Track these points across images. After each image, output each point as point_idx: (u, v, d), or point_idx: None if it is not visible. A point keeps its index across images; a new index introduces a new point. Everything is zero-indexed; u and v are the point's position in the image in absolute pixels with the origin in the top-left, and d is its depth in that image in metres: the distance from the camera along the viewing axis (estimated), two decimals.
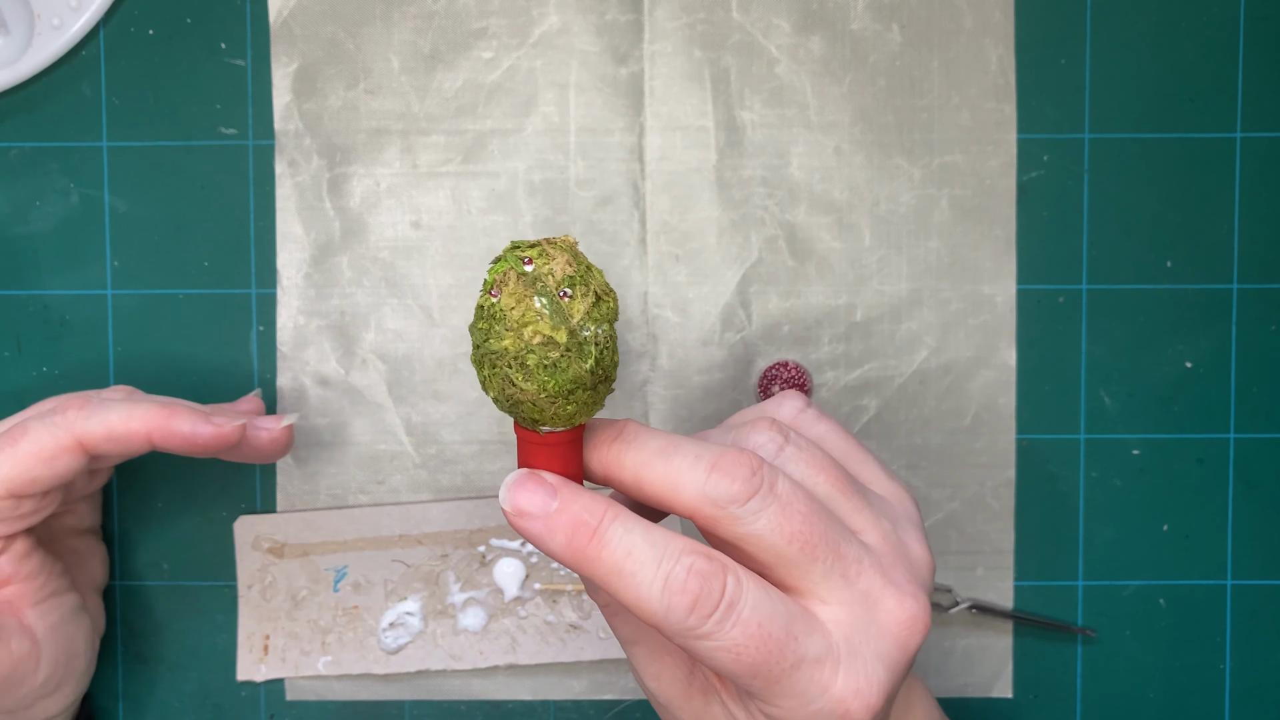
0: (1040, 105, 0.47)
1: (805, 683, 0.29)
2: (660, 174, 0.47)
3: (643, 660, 0.33)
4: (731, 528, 0.30)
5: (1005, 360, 0.47)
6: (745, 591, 0.29)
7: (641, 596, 0.29)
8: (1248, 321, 0.47)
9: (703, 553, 0.29)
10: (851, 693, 0.30)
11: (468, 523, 0.47)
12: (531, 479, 0.30)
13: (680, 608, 0.28)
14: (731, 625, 0.29)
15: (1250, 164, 0.47)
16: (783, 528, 0.29)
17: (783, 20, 0.47)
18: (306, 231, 0.47)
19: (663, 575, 0.29)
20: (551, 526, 0.29)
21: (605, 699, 0.48)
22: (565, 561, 0.30)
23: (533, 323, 0.28)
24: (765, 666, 0.29)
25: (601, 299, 0.29)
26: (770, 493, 0.29)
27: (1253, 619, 0.48)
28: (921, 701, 0.37)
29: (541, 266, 0.28)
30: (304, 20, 0.47)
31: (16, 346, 0.48)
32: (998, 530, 0.48)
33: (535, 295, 0.28)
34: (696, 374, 0.47)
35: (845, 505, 0.32)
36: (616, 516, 0.29)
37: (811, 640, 0.29)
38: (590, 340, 0.28)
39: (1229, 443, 0.48)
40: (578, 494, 0.29)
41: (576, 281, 0.28)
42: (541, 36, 0.47)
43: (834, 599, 0.30)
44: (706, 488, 0.29)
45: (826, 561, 0.30)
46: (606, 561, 0.29)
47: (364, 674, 0.48)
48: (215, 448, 0.39)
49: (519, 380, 0.28)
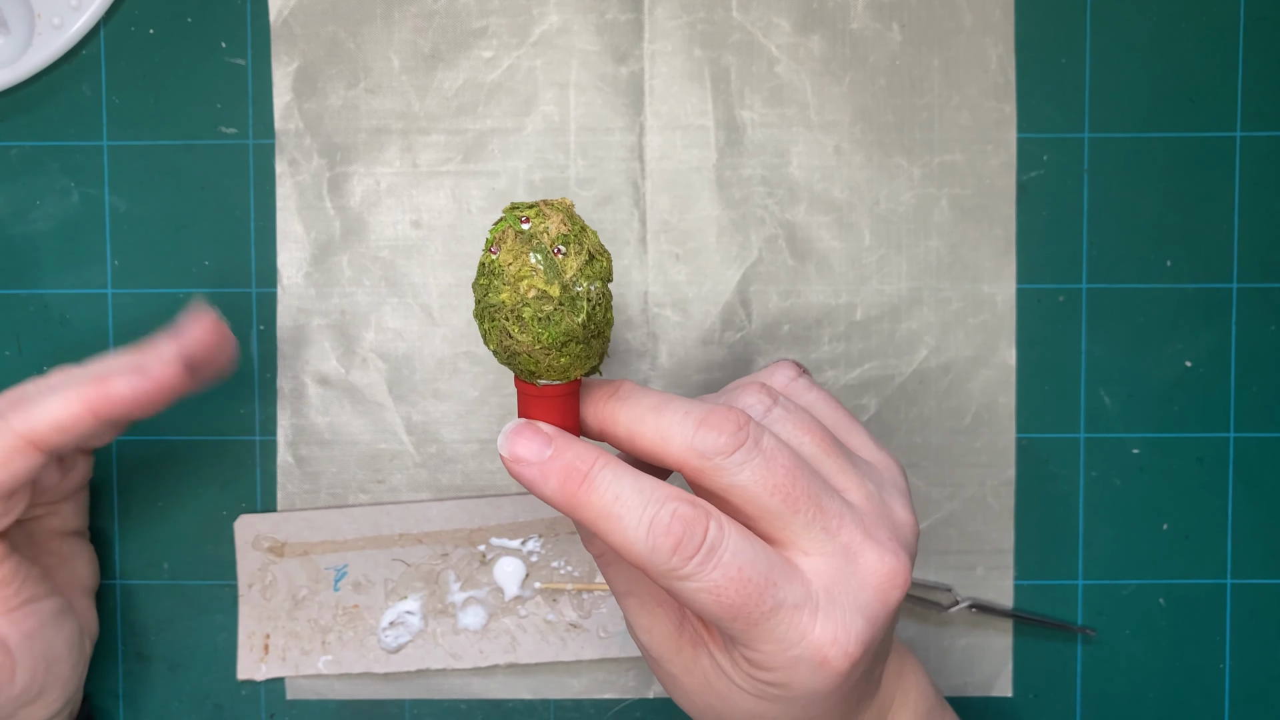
0: (1040, 105, 0.47)
1: (784, 628, 0.30)
2: (660, 173, 0.47)
3: (635, 612, 0.35)
4: (717, 478, 0.31)
5: (1005, 360, 0.47)
6: (726, 536, 0.30)
7: (628, 539, 0.30)
8: (1247, 321, 0.47)
9: (687, 499, 0.30)
10: (829, 640, 0.31)
11: (468, 522, 0.47)
12: (528, 428, 0.31)
13: (664, 549, 0.30)
14: (713, 567, 0.30)
15: (1250, 164, 0.47)
16: (766, 480, 0.30)
17: (783, 20, 0.47)
18: (307, 231, 0.47)
19: (648, 518, 0.30)
20: (545, 472, 0.31)
21: (605, 698, 0.48)
22: (557, 505, 0.31)
23: (528, 277, 0.29)
24: (745, 609, 0.30)
25: (595, 258, 0.30)
26: (755, 446, 0.31)
27: (1252, 618, 0.48)
28: (914, 675, 0.38)
29: (538, 225, 0.30)
30: (304, 19, 0.47)
31: (16, 346, 0.48)
32: (997, 530, 0.48)
33: (531, 252, 0.29)
34: (697, 373, 0.47)
35: (830, 465, 0.33)
36: (606, 464, 0.31)
37: (791, 587, 0.31)
38: (583, 295, 0.30)
39: (1229, 442, 0.48)
40: (571, 443, 0.31)
41: (570, 240, 0.30)
42: (541, 36, 0.47)
43: (815, 550, 0.31)
44: (694, 440, 0.31)
45: (808, 514, 0.31)
46: (596, 505, 0.30)
47: (364, 673, 0.48)
48: (164, 397, 0.39)
49: (515, 332, 0.30)
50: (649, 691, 0.48)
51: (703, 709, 0.35)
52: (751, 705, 0.33)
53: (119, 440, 0.48)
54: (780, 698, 0.32)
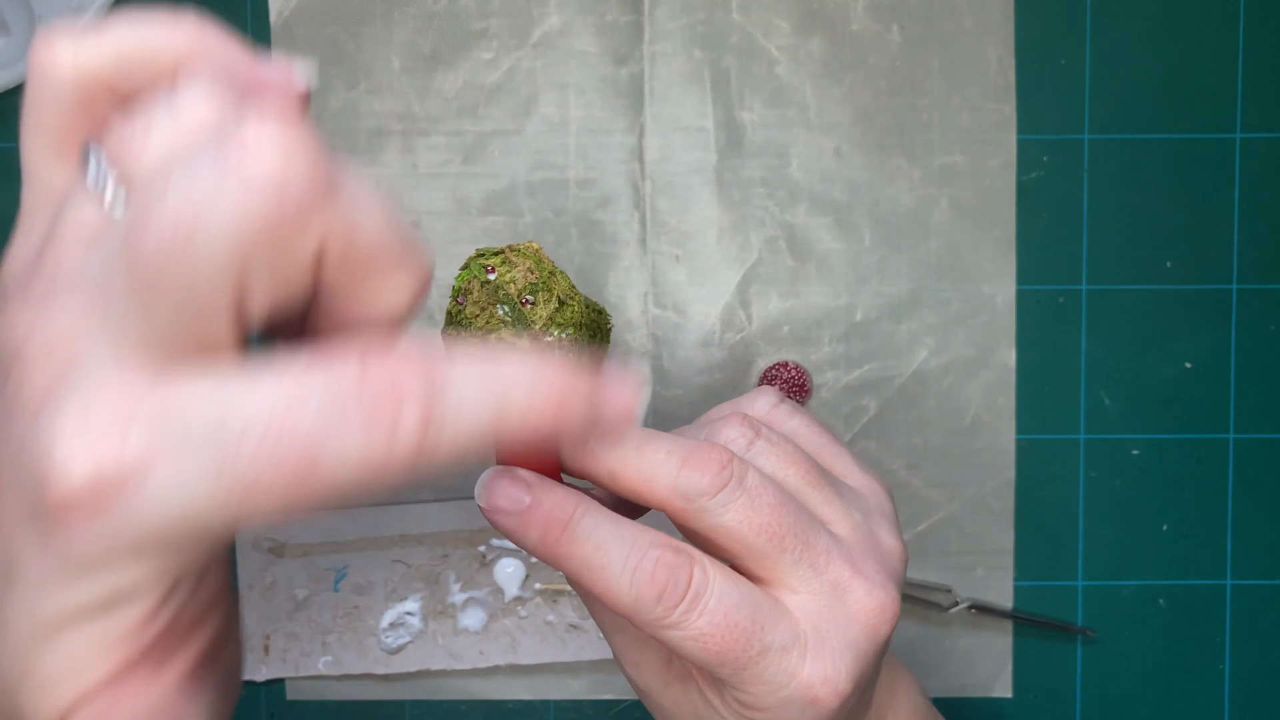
0: (1040, 105, 0.47)
1: (773, 670, 0.30)
2: (660, 174, 0.47)
3: (623, 648, 0.34)
4: (702, 520, 0.30)
5: (1005, 360, 0.47)
6: (711, 582, 0.30)
7: (611, 588, 0.30)
8: (1247, 321, 0.47)
9: (670, 545, 0.30)
10: (819, 679, 0.30)
11: (468, 523, 0.47)
12: (505, 475, 0.30)
13: (648, 598, 0.29)
14: (698, 615, 0.29)
15: (1250, 164, 0.47)
16: (751, 520, 0.30)
17: (783, 21, 0.47)
18: None
19: (630, 567, 0.29)
20: (525, 522, 0.30)
21: (605, 699, 0.48)
22: (539, 555, 0.30)
23: (496, 330, 0.29)
24: (732, 654, 0.30)
25: (565, 304, 0.30)
26: (739, 486, 0.30)
27: (1252, 619, 0.48)
28: (906, 688, 0.38)
29: (504, 275, 0.29)
30: (305, 20, 0.47)
31: None
32: (998, 530, 0.48)
33: (498, 303, 0.29)
34: (697, 374, 0.47)
35: (815, 497, 0.33)
36: (587, 512, 0.30)
37: (778, 629, 0.30)
38: (554, 344, 0.29)
39: (1228, 443, 0.48)
40: (550, 490, 0.30)
41: (539, 288, 0.29)
42: (542, 37, 0.47)
43: (803, 588, 0.31)
44: (678, 481, 0.30)
45: (794, 552, 0.31)
46: (577, 555, 0.30)
47: (364, 674, 0.48)
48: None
49: None
50: None
51: None
52: None
53: None
54: None
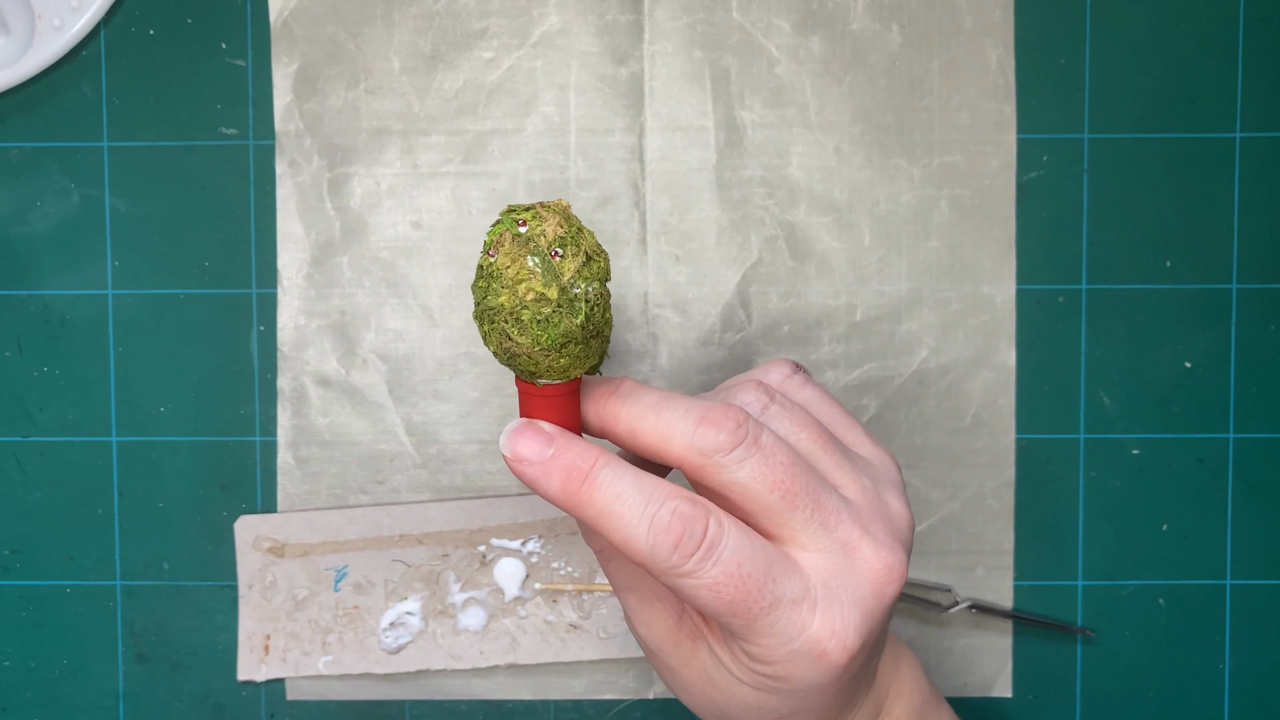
0: (1040, 105, 0.47)
1: (783, 622, 0.31)
2: (660, 174, 0.47)
3: (635, 607, 0.35)
4: (717, 476, 0.31)
5: (1005, 360, 0.47)
6: (726, 533, 0.31)
7: (629, 536, 0.30)
8: (1247, 321, 0.47)
9: (687, 497, 0.31)
10: (828, 633, 0.31)
11: (468, 523, 0.47)
12: (529, 427, 0.32)
13: (665, 546, 0.30)
14: (712, 564, 0.30)
15: (1250, 164, 0.47)
16: (765, 476, 0.31)
17: (783, 20, 0.47)
18: (307, 231, 0.47)
19: (649, 516, 0.30)
20: (547, 471, 0.31)
21: (605, 699, 0.48)
22: (559, 504, 0.31)
23: (526, 280, 0.30)
24: (744, 605, 0.30)
25: (592, 259, 0.30)
26: (754, 444, 0.31)
27: (1252, 619, 0.48)
28: (909, 665, 0.38)
29: (535, 228, 0.30)
30: (304, 20, 0.47)
31: (17, 346, 0.48)
32: (998, 530, 0.48)
33: (529, 255, 0.30)
34: (697, 374, 0.47)
35: (827, 461, 0.33)
36: (608, 463, 0.31)
37: (790, 582, 0.31)
38: (581, 297, 0.30)
39: (1228, 443, 0.48)
40: (572, 442, 0.31)
41: (568, 242, 0.30)
42: (542, 37, 0.47)
43: (813, 546, 0.32)
44: (694, 438, 0.31)
45: (806, 510, 0.31)
46: (597, 503, 0.31)
47: (364, 674, 0.48)
48: None
49: (514, 334, 0.30)
50: (649, 692, 0.48)
51: (702, 701, 0.35)
52: (750, 697, 0.33)
53: (119, 440, 0.48)
54: (779, 690, 0.32)
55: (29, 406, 0.48)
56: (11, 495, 0.48)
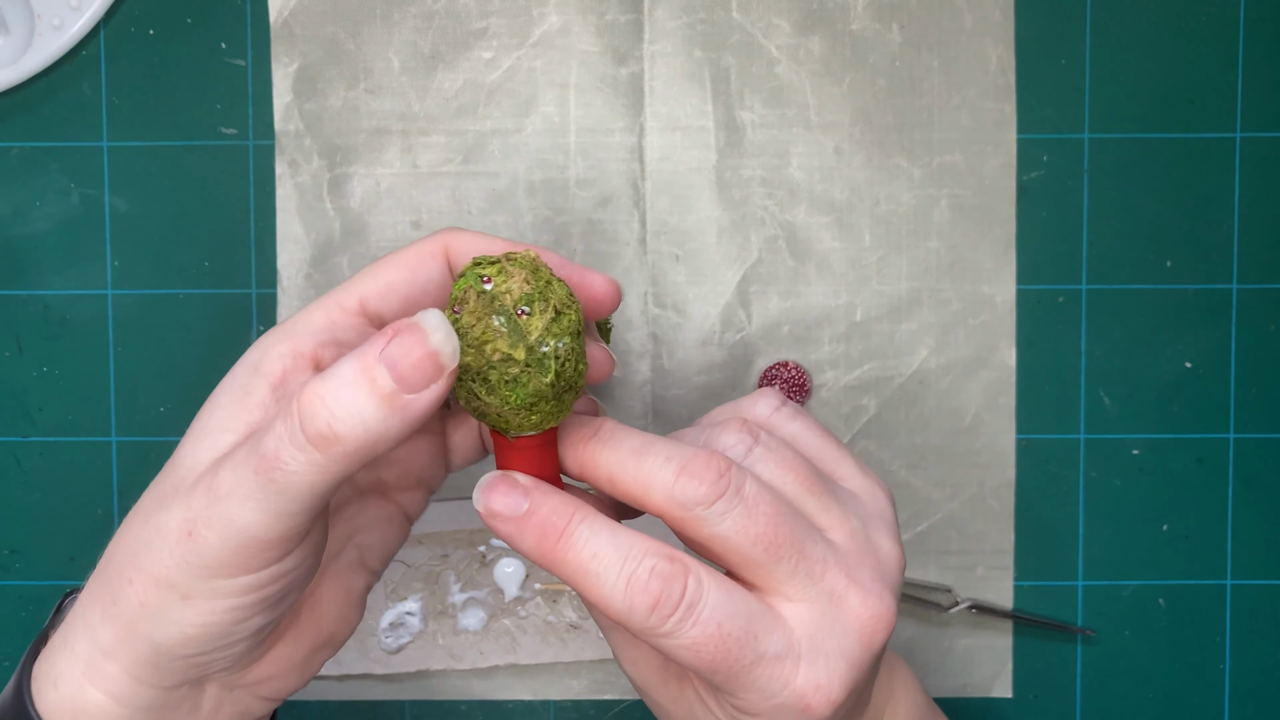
0: (1040, 105, 0.47)
1: (765, 678, 0.30)
2: (660, 174, 0.47)
3: (621, 646, 0.35)
4: (698, 529, 0.30)
5: (1005, 360, 0.47)
6: (705, 592, 0.30)
7: (605, 596, 0.30)
8: (1247, 321, 0.47)
9: (665, 554, 0.30)
10: (812, 688, 0.30)
11: (468, 523, 0.47)
12: (503, 481, 0.31)
13: (642, 608, 0.29)
14: (691, 625, 0.30)
15: (1250, 164, 0.47)
16: (747, 529, 0.30)
17: (783, 20, 0.47)
18: (307, 231, 0.47)
19: (625, 576, 0.30)
20: (522, 528, 0.30)
21: (605, 699, 0.48)
22: (535, 561, 0.31)
23: (492, 340, 0.29)
24: (725, 663, 0.30)
25: (562, 313, 0.29)
26: (736, 495, 0.30)
27: (1252, 619, 0.48)
28: (904, 683, 0.38)
29: (500, 285, 0.29)
30: (304, 20, 0.47)
31: (17, 346, 0.48)
32: (998, 530, 0.48)
33: (494, 314, 0.29)
34: (696, 374, 0.47)
35: (813, 504, 0.32)
36: (584, 519, 0.30)
37: (772, 638, 0.30)
38: (550, 354, 0.29)
39: (1228, 443, 0.48)
40: (547, 496, 0.30)
41: (535, 298, 0.29)
42: (542, 37, 0.47)
43: (799, 596, 0.31)
44: (675, 490, 0.30)
45: (791, 561, 0.31)
46: (573, 562, 0.30)
47: (364, 674, 0.48)
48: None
49: (483, 394, 0.29)
50: None
51: None
52: None
53: (119, 440, 0.48)
54: None
55: (29, 406, 0.48)
56: (11, 495, 0.48)
